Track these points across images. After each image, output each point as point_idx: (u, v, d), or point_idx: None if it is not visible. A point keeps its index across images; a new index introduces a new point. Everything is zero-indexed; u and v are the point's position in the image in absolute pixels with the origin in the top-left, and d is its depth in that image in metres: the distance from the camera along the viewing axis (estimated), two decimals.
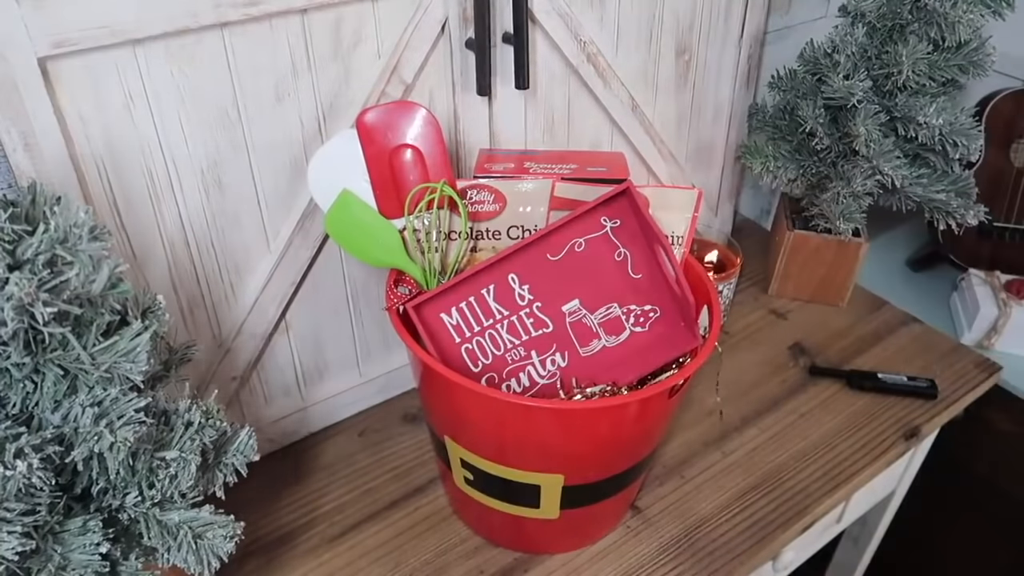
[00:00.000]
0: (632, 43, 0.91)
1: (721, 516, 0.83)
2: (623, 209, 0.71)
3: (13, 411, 0.49)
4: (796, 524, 0.82)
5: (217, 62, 0.64)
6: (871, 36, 0.94)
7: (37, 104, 0.56)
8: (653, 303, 0.73)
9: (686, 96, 1.02)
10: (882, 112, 0.93)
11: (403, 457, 0.89)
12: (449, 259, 0.74)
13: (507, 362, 0.72)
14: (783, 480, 0.87)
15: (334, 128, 0.74)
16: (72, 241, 0.46)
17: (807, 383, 0.99)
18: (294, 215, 0.76)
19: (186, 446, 0.56)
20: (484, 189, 0.73)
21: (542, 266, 0.71)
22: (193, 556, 0.57)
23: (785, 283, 1.12)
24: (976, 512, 1.34)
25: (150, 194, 0.66)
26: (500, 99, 0.82)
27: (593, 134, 0.94)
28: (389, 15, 0.71)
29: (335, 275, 0.83)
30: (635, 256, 0.72)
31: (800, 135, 1.02)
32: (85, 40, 0.56)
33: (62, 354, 0.48)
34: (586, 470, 0.69)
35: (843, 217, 1.00)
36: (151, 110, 0.63)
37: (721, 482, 0.86)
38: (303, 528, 0.81)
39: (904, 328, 1.08)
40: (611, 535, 0.81)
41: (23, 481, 0.46)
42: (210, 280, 0.74)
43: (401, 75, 0.74)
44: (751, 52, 1.05)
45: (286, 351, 0.84)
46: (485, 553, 0.79)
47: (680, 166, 1.06)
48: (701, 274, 0.74)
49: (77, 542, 0.51)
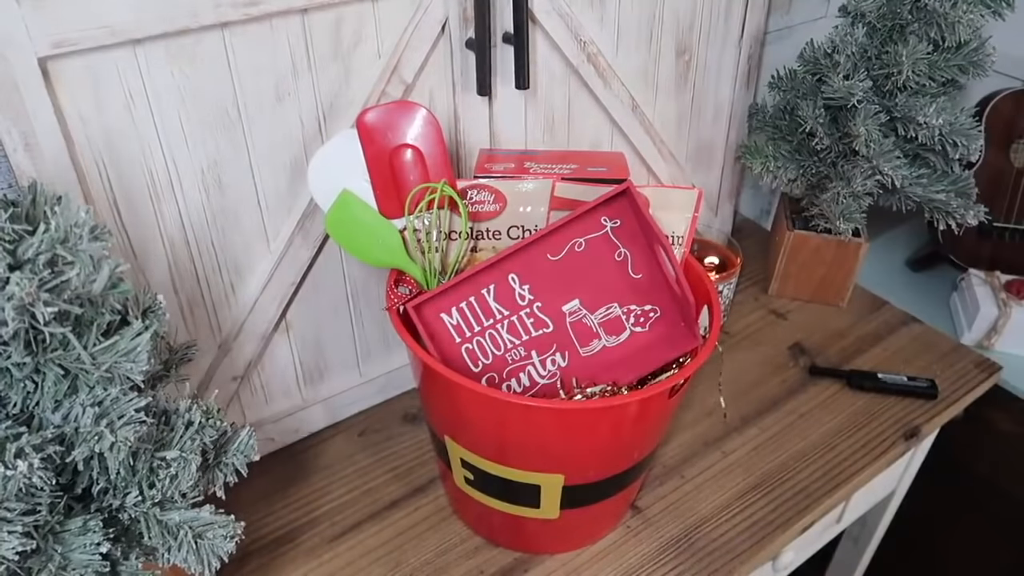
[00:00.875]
0: (632, 43, 0.91)
1: (721, 516, 0.83)
2: (623, 209, 0.71)
3: (14, 411, 0.49)
4: (796, 524, 0.82)
5: (217, 62, 0.64)
6: (871, 36, 0.94)
7: (37, 104, 0.56)
8: (653, 303, 0.73)
9: (686, 96, 1.02)
10: (882, 112, 0.93)
11: (403, 457, 0.89)
12: (449, 259, 0.74)
13: (507, 362, 0.72)
14: (783, 480, 0.87)
15: (334, 128, 0.74)
16: (73, 241, 0.46)
17: (807, 383, 0.99)
18: (294, 215, 0.76)
19: (186, 446, 0.56)
20: (484, 189, 0.73)
21: (542, 266, 0.71)
22: (193, 556, 0.57)
23: (785, 283, 1.12)
24: (976, 512, 1.34)
25: (150, 194, 0.66)
26: (500, 99, 0.82)
27: (593, 134, 0.94)
28: (389, 15, 0.71)
29: (335, 275, 0.83)
30: (635, 256, 0.72)
31: (800, 135, 1.02)
32: (85, 40, 0.56)
33: (63, 354, 0.48)
34: (586, 470, 0.69)
35: (843, 217, 1.00)
36: (151, 110, 0.63)
37: (721, 482, 0.86)
38: (303, 528, 0.81)
39: (904, 328, 1.08)
40: (611, 535, 0.81)
41: (24, 481, 0.46)
42: (210, 280, 0.74)
43: (401, 75, 0.74)
44: (751, 52, 1.05)
45: (286, 351, 0.84)
46: (485, 553, 0.79)
47: (680, 166, 1.06)
48: (701, 274, 0.74)
49: (77, 542, 0.51)
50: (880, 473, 0.91)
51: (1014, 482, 1.25)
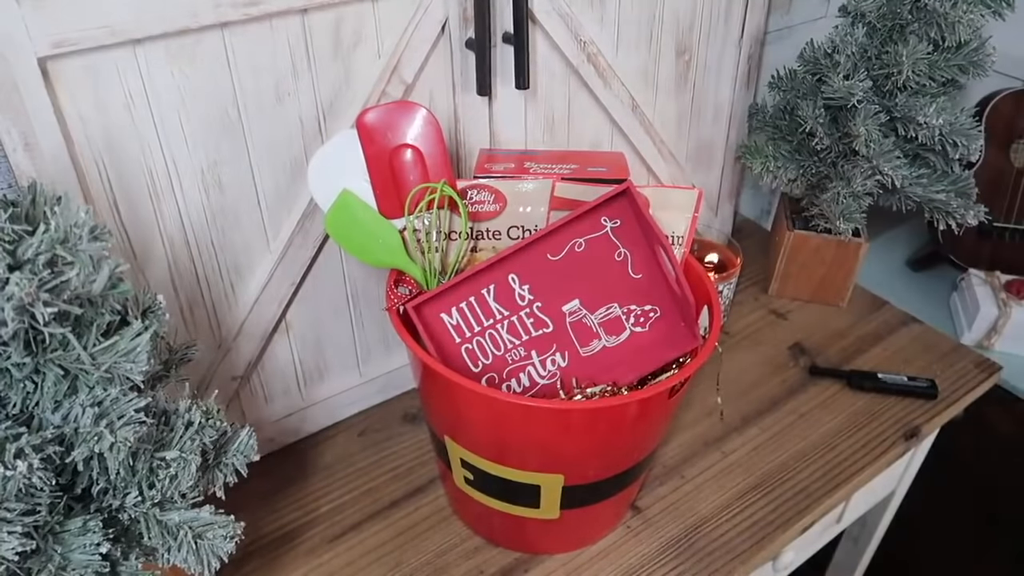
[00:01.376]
0: (632, 43, 0.91)
1: (721, 516, 0.83)
2: (623, 209, 0.71)
3: (13, 411, 0.49)
4: (796, 524, 0.82)
5: (217, 62, 0.64)
6: (871, 36, 0.94)
7: (37, 104, 0.56)
8: (653, 303, 0.73)
9: (686, 96, 1.02)
10: (882, 112, 0.93)
11: (403, 457, 0.89)
12: (449, 259, 0.74)
13: (507, 362, 0.72)
14: (783, 480, 0.87)
15: (334, 128, 0.74)
16: (72, 241, 0.46)
17: (807, 383, 0.99)
18: (294, 215, 0.76)
19: (186, 446, 0.56)
20: (484, 189, 0.73)
21: (542, 266, 0.71)
22: (193, 556, 0.57)
23: (785, 283, 1.12)
24: (976, 512, 1.34)
25: (150, 194, 0.66)
26: (500, 99, 0.82)
27: (593, 134, 0.94)
28: (389, 15, 0.71)
29: (335, 275, 0.83)
30: (635, 256, 0.72)
31: (800, 135, 1.02)
32: (85, 40, 0.56)
33: (62, 354, 0.48)
34: (586, 470, 0.69)
35: (843, 217, 1.00)
36: (151, 110, 0.63)
37: (721, 482, 0.86)
38: (303, 528, 0.81)
39: (904, 328, 1.08)
40: (611, 535, 0.81)
41: (23, 481, 0.46)
42: (210, 280, 0.74)
43: (401, 75, 0.74)
44: (751, 52, 1.05)
45: (286, 351, 0.84)
46: (485, 553, 0.79)
47: (680, 166, 1.06)
48: (701, 274, 0.74)
49: (77, 542, 0.51)
50: (880, 473, 0.91)
51: (1014, 482, 1.25)
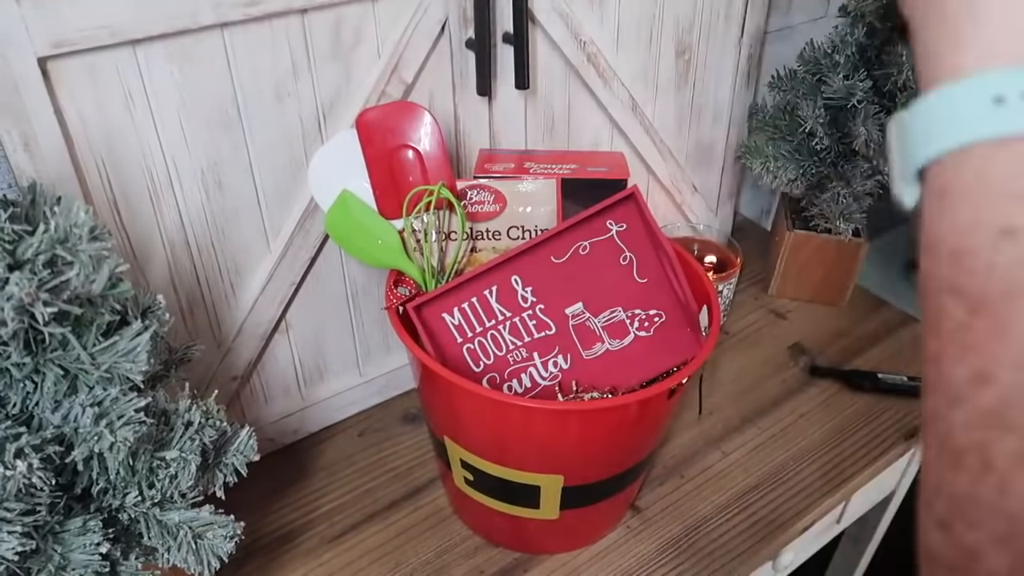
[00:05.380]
0: (632, 43, 0.91)
1: (721, 516, 0.83)
2: (629, 213, 0.71)
3: (13, 411, 0.49)
4: (796, 524, 0.82)
5: (217, 62, 0.64)
6: (871, 36, 0.94)
7: (37, 104, 0.56)
8: (659, 308, 0.73)
9: (686, 96, 1.02)
10: (882, 112, 0.93)
11: (403, 457, 0.89)
12: (448, 260, 0.74)
13: (509, 363, 0.72)
14: (783, 480, 0.87)
15: (334, 128, 0.74)
16: (72, 241, 0.46)
17: (807, 383, 0.99)
18: (294, 215, 0.76)
19: (186, 446, 0.56)
20: (484, 189, 0.73)
21: (546, 268, 0.71)
22: (193, 556, 0.57)
23: (785, 283, 1.12)
24: None
25: (150, 194, 0.66)
26: (500, 99, 0.82)
27: (593, 134, 0.94)
28: (389, 15, 0.71)
29: (335, 275, 0.83)
30: (641, 260, 0.72)
31: (800, 135, 1.02)
32: (85, 40, 0.56)
33: (62, 354, 0.48)
34: (586, 470, 0.69)
35: (843, 217, 1.00)
36: (151, 110, 0.63)
37: (721, 482, 0.86)
38: (303, 528, 0.81)
39: (904, 328, 1.08)
40: (611, 535, 0.81)
41: (23, 481, 0.46)
42: (210, 280, 0.74)
43: (401, 75, 0.74)
44: (751, 52, 1.05)
45: (286, 351, 0.84)
46: (485, 553, 0.79)
47: (680, 166, 1.06)
48: (701, 274, 0.74)
49: (77, 542, 0.51)
50: (880, 473, 0.91)
51: None
